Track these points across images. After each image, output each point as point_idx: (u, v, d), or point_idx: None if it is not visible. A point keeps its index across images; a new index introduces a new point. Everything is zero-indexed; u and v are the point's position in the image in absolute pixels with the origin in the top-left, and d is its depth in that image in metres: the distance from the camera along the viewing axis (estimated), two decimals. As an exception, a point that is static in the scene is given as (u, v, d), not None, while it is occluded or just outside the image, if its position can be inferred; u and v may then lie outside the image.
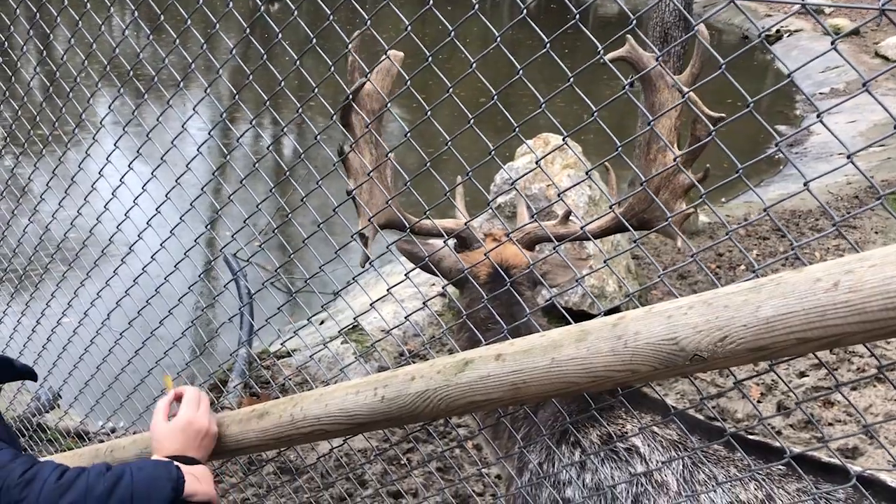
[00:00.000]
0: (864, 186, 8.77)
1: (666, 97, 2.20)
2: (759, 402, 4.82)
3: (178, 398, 1.93)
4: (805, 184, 1.44)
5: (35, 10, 3.10)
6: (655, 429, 2.02)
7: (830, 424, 4.50)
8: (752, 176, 9.69)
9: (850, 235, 7.37)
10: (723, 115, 1.86)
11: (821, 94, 12.61)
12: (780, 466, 1.84)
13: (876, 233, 7.31)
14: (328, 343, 3.13)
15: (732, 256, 6.85)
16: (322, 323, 6.27)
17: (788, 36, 15.83)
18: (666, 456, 1.95)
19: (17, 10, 3.29)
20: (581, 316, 4.70)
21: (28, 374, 1.95)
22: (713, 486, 1.86)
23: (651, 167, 2.28)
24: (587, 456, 2.01)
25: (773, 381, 4.92)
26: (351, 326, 5.77)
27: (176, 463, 1.69)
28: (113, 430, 4.77)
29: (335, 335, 5.52)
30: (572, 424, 2.02)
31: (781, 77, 14.26)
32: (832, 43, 1.35)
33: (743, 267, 6.63)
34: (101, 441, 4.66)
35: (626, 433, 2.01)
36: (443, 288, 2.21)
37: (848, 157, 1.37)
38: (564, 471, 2.02)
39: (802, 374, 4.97)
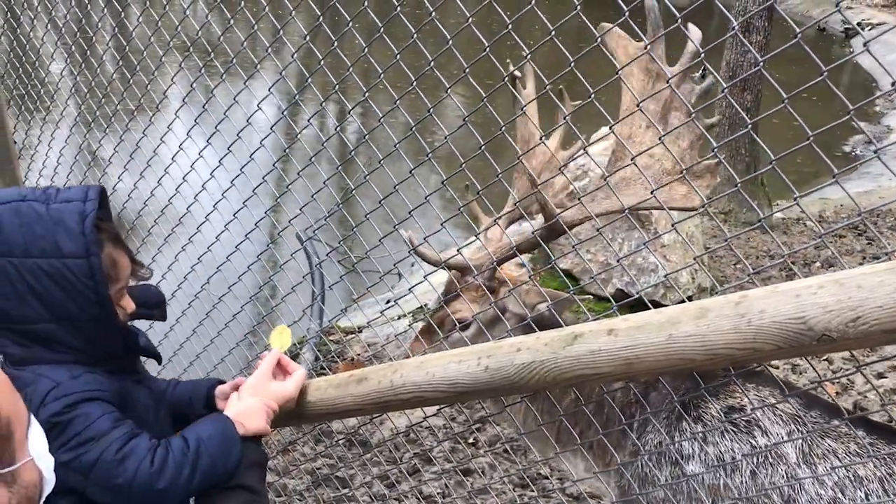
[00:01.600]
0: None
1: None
2: (833, 401, 4.71)
3: (280, 365, 2.00)
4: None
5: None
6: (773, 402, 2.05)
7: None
8: (826, 174, 9.42)
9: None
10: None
11: (903, 90, 12.14)
12: None
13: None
14: (396, 322, 3.18)
15: (807, 253, 6.68)
16: (388, 302, 6.35)
17: (870, 30, 15.28)
18: (786, 429, 1.98)
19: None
20: (654, 306, 4.65)
21: (152, 354, 1.97)
22: (832, 460, 1.92)
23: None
24: (709, 430, 2.04)
25: (848, 380, 4.80)
26: (417, 308, 5.83)
27: (230, 418, 1.76)
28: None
29: (403, 314, 5.59)
30: (689, 400, 2.04)
31: (860, 71, 13.80)
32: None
33: (818, 264, 6.46)
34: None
35: (745, 407, 2.03)
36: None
37: (875, 152, 1.37)
38: (687, 444, 2.03)
39: (881, 376, 4.83)
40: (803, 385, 4.61)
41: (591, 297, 5.56)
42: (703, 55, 1.91)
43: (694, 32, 2.04)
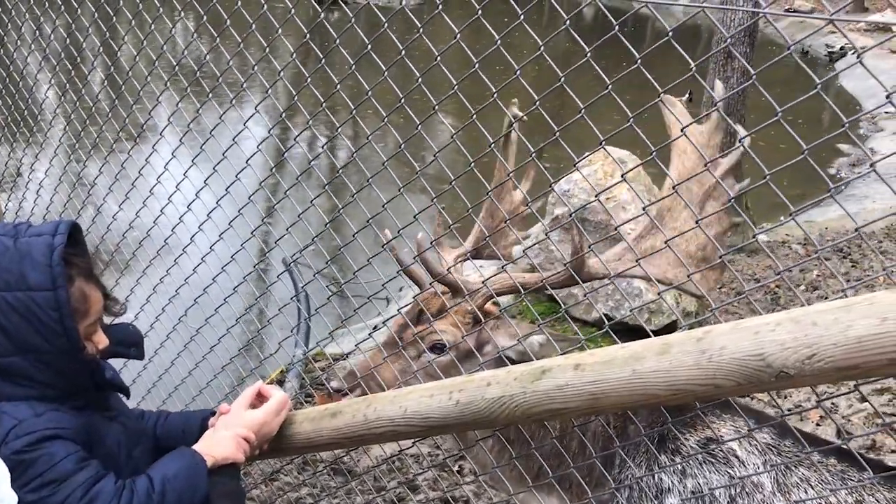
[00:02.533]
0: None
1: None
2: (817, 425, 4.72)
3: (261, 396, 2.00)
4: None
5: (112, 13, 3.24)
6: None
7: (894, 452, 4.39)
8: (811, 196, 9.49)
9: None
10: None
11: (886, 113, 12.30)
12: (871, 476, 1.88)
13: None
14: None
15: (792, 276, 6.72)
16: (376, 328, 6.35)
17: (853, 53, 15.48)
18: (762, 459, 2.01)
19: (96, 14, 3.43)
20: (638, 331, 4.67)
21: (118, 387, 1.94)
22: (805, 488, 1.95)
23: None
24: (687, 461, 2.06)
25: (832, 404, 4.82)
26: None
27: (197, 453, 1.76)
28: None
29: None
30: (665, 433, 2.06)
31: (844, 95, 13.97)
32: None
33: (803, 287, 6.51)
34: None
35: (721, 437, 2.05)
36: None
37: (871, 165, 1.40)
38: (667, 477, 2.05)
39: (863, 399, 4.84)
40: (788, 409, 4.63)
41: (580, 322, 5.58)
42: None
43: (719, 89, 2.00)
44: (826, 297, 6.32)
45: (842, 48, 15.43)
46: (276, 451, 2.12)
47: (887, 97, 1.41)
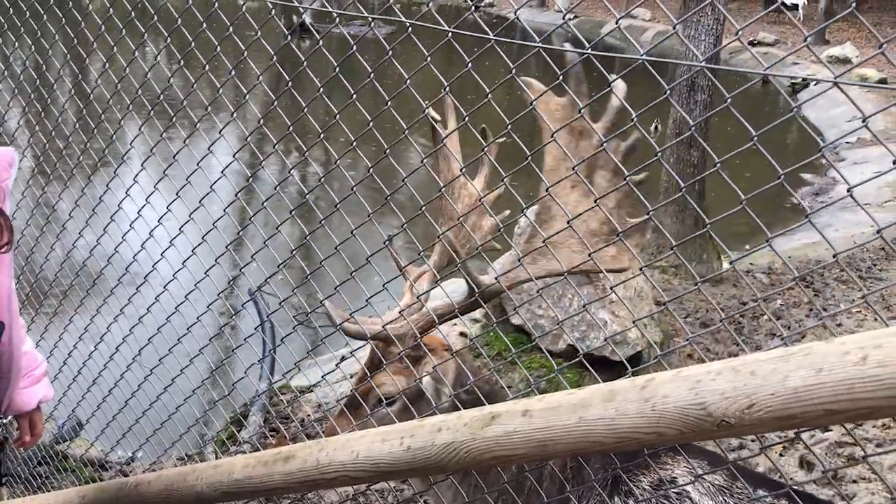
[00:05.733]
0: (891, 237, 8.69)
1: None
2: (781, 455, 4.76)
3: None
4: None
5: (73, 36, 3.22)
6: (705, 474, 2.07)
7: (855, 482, 4.43)
8: (777, 224, 9.66)
9: (875, 287, 7.30)
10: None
11: (847, 143, 12.57)
12: None
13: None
14: (350, 380, 3.14)
15: (756, 306, 6.80)
16: (343, 359, 6.30)
17: (815, 84, 15.84)
18: (716, 500, 2.00)
19: (56, 36, 3.41)
20: (602, 362, 4.69)
21: None
22: None
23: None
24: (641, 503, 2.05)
25: (794, 433, 4.85)
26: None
27: None
28: (132, 460, 4.80)
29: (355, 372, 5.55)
30: (618, 475, 2.05)
31: (808, 125, 14.26)
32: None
33: (766, 317, 6.58)
34: (122, 470, 4.69)
35: (675, 479, 2.04)
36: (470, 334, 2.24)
37: (848, 190, 1.44)
38: None
39: (826, 429, 4.90)
40: (739, 446, 4.66)
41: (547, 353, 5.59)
42: (635, 119, 1.90)
43: (620, 87, 2.04)
44: (789, 327, 6.41)
45: (804, 79, 15.77)
46: (228, 495, 2.09)
47: (863, 121, 1.46)
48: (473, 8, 1.72)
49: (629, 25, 25.42)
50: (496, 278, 2.13)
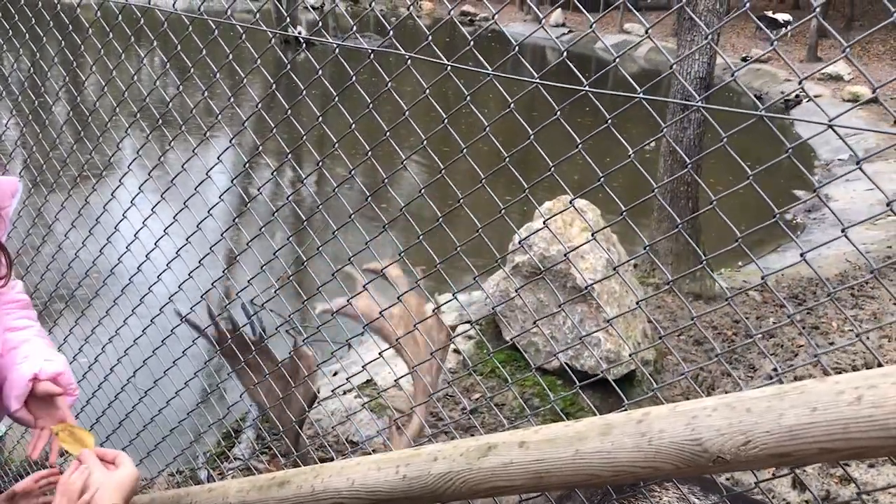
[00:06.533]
0: (882, 255, 8.77)
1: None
2: (773, 476, 4.76)
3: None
4: (802, 255, 1.50)
5: (72, 59, 3.24)
6: (695, 500, 2.06)
7: (847, 503, 4.43)
8: (770, 242, 9.72)
9: (868, 306, 7.35)
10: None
11: (839, 160, 12.67)
12: None
13: (895, 304, 7.27)
14: (340, 396, 3.16)
15: (749, 324, 6.83)
16: (335, 374, 6.29)
17: (807, 101, 15.98)
18: None
19: (55, 58, 3.42)
20: (595, 381, 4.69)
21: None
22: None
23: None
24: None
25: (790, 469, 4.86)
26: (364, 381, 5.79)
27: None
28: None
29: (348, 388, 5.54)
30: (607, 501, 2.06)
31: (799, 142, 14.35)
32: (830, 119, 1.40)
33: (759, 335, 6.60)
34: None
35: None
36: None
37: (843, 230, 1.46)
38: None
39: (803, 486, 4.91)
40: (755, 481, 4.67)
41: (540, 371, 5.60)
42: (633, 155, 1.91)
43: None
44: (782, 345, 6.43)
45: (797, 96, 15.91)
46: (223, 521, 2.08)
47: (857, 164, 1.48)
48: (471, 43, 1.73)
49: (623, 41, 25.59)
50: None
